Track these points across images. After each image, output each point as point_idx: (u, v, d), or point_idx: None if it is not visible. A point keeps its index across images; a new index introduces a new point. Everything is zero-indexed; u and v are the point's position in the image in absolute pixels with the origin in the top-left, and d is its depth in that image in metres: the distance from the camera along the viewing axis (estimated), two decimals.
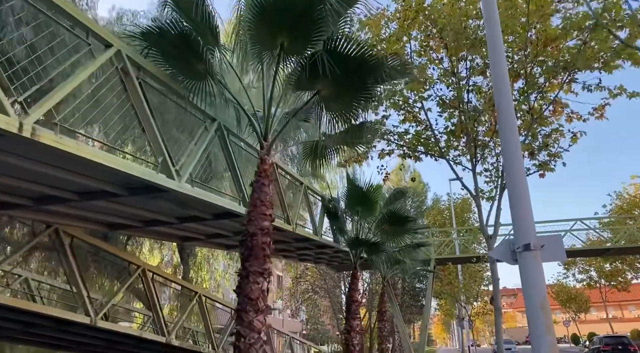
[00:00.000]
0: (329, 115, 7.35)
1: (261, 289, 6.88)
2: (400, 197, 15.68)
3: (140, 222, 9.10)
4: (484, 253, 23.58)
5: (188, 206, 8.17)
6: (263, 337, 6.78)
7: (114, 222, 9.01)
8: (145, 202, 7.52)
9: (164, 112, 7.07)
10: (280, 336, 23.99)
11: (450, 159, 12.18)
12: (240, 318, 6.76)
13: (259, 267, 6.93)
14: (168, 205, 7.81)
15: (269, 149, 7.34)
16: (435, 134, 12.09)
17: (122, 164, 5.79)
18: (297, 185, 12.91)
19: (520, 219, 5.18)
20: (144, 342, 11.08)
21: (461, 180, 11.81)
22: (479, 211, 11.52)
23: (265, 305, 6.89)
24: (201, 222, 9.26)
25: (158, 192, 6.55)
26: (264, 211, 7.11)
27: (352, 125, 7.88)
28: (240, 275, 6.97)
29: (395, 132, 12.24)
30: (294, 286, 36.46)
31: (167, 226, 9.51)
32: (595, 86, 10.63)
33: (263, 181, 7.17)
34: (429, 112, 12.09)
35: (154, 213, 8.56)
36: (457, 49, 10.39)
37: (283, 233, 12.27)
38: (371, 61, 6.63)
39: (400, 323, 23.81)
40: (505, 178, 5.35)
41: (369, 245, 13.94)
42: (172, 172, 6.48)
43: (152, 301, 10.77)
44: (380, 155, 12.46)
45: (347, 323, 13.85)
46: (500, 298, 11.18)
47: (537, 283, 4.95)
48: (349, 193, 14.34)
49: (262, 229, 7.05)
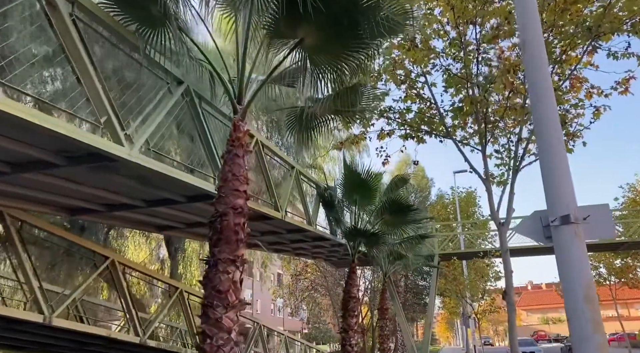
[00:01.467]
0: (315, 72, 6.13)
1: (232, 280, 5.70)
2: (402, 185, 14.49)
3: (103, 205, 7.94)
4: (491, 248, 22.42)
5: (153, 184, 6.99)
6: (234, 337, 5.61)
7: (71, 204, 7.84)
8: (96, 178, 6.36)
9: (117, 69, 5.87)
10: (276, 335, 22.80)
11: (458, 140, 10.97)
12: (207, 314, 5.58)
13: (230, 254, 5.75)
14: (126, 182, 6.63)
15: (244, 114, 6.15)
16: (440, 112, 10.87)
17: (53, 123, 4.60)
18: (288, 170, 11.73)
19: (556, 186, 3.98)
20: (116, 343, 9.93)
21: (469, 161, 10.60)
22: (489, 196, 10.32)
23: (237, 300, 5.71)
24: (173, 206, 8.09)
25: (102, 161, 5.37)
26: (237, 187, 5.93)
27: (343, 89, 6.68)
28: (207, 263, 5.80)
29: (396, 109, 11.04)
30: (293, 284, 35.32)
31: (136, 211, 8.34)
32: (622, 52, 9.41)
33: (236, 151, 5.99)
34: (433, 88, 10.89)
35: (115, 194, 7.37)
36: (465, 12, 9.16)
37: (272, 223, 11.10)
38: (363, 0, 5.43)
39: (402, 321, 22.64)
40: (536, 138, 4.14)
41: (368, 237, 12.75)
42: (121, 137, 5.29)
43: (124, 297, 9.61)
44: (380, 136, 11.26)
45: (344, 321, 12.67)
46: (513, 293, 9.97)
47: (580, 267, 3.76)
48: (346, 180, 13.17)
49: (235, 208, 5.88)
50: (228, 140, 6.04)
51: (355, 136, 11.67)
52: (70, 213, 8.20)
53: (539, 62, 4.43)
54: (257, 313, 48.33)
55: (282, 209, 10.46)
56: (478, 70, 10.21)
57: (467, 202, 31.93)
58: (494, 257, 21.78)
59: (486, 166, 10.54)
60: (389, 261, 18.47)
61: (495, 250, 21.67)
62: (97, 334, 9.14)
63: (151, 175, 6.35)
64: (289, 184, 11.35)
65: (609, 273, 38.16)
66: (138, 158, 5.53)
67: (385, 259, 18.13)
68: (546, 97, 4.24)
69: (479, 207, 31.60)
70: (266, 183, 9.74)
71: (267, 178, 9.63)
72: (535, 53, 4.48)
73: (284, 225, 11.67)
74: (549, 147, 4.10)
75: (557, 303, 70.03)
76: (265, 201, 10.48)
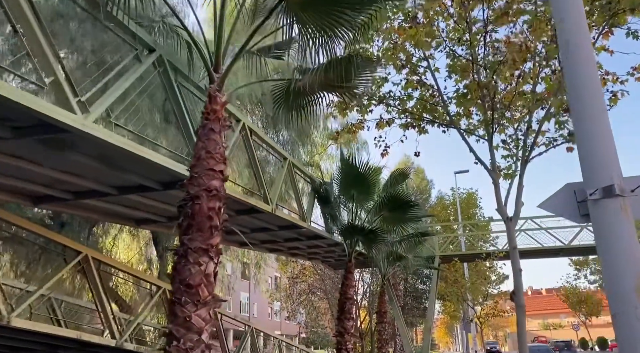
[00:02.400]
0: (303, 33, 5.33)
1: (205, 273, 4.91)
2: (402, 180, 13.73)
3: (69, 192, 7.14)
4: (493, 250, 21.61)
5: (121, 167, 6.20)
6: (206, 339, 4.81)
7: (32, 191, 7.04)
8: (53, 157, 5.57)
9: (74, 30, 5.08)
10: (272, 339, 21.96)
11: (462, 129, 10.16)
12: (174, 313, 4.78)
13: (203, 243, 4.96)
14: (89, 162, 5.84)
15: (222, 83, 5.37)
16: (444, 99, 10.08)
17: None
18: (280, 161, 10.95)
19: (596, 152, 3.19)
20: (90, 346, 9.11)
21: (474, 152, 9.79)
22: (496, 189, 9.51)
23: (210, 295, 4.91)
24: (148, 194, 7.29)
25: (53, 132, 4.57)
26: (212, 166, 5.15)
27: (336, 59, 5.89)
28: (176, 253, 5.00)
29: (396, 96, 10.25)
30: (290, 286, 34.45)
31: (107, 200, 7.56)
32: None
33: (212, 126, 5.21)
34: (436, 73, 10.10)
35: (81, 178, 6.56)
36: None
37: (263, 217, 10.32)
38: None
39: (401, 325, 21.81)
40: (569, 95, 3.35)
41: (366, 234, 11.93)
42: (73, 104, 4.50)
43: (98, 295, 8.80)
44: (379, 124, 10.47)
45: (339, 324, 11.86)
46: (523, 293, 9.15)
47: (627, 250, 2.96)
48: (343, 174, 12.38)
49: (209, 190, 5.09)
50: (202, 113, 5.26)
51: (352, 125, 10.86)
52: (33, 202, 7.39)
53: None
54: (254, 317, 47.45)
55: (273, 202, 9.66)
56: (485, 53, 9.43)
57: (468, 203, 31.16)
58: (497, 258, 20.94)
59: (492, 156, 9.74)
60: (388, 262, 17.67)
61: (499, 252, 20.87)
62: (66, 337, 8.32)
63: (116, 154, 5.57)
64: (280, 176, 10.55)
65: None
66: (95, 129, 4.73)
67: (384, 260, 17.34)
68: (583, 47, 3.46)
69: (480, 208, 30.84)
70: (254, 172, 8.94)
71: (254, 167, 8.84)
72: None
73: (275, 221, 10.88)
74: (586, 106, 3.31)
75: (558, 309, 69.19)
76: (255, 192, 9.69)
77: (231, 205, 9.08)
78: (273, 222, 10.99)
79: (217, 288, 17.23)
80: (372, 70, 6.50)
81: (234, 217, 9.55)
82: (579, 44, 3.48)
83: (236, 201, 8.57)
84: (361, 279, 31.27)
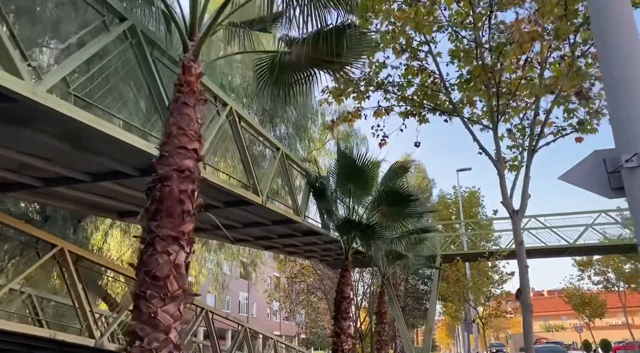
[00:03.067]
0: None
1: (174, 263, 4.34)
2: (402, 173, 13.14)
3: (37, 179, 6.57)
4: (496, 249, 21.02)
5: (90, 149, 5.64)
6: (175, 338, 4.24)
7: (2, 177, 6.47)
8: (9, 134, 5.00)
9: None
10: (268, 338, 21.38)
11: (466, 117, 9.58)
12: (138, 308, 4.22)
13: (173, 230, 4.39)
14: (54, 143, 5.27)
15: (197, 52, 4.80)
16: (446, 85, 9.49)
17: None
18: (272, 151, 10.37)
19: (631, 115, 2.62)
20: (68, 347, 8.54)
21: (479, 141, 9.20)
22: (501, 180, 8.93)
23: (180, 289, 4.34)
24: (124, 181, 6.74)
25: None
26: (185, 144, 4.58)
27: (327, 30, 5.32)
28: (142, 241, 4.43)
29: (395, 83, 9.67)
30: (289, 286, 33.90)
31: (81, 188, 7.00)
32: None
33: (185, 99, 4.64)
34: (438, 58, 9.51)
35: (48, 162, 5.99)
36: None
37: (254, 210, 9.74)
38: None
39: (402, 326, 21.21)
40: (600, 56, 2.75)
41: (363, 230, 11.35)
42: (19, 68, 3.93)
43: (75, 291, 8.24)
44: (377, 113, 9.89)
45: (336, 324, 11.27)
46: (529, 291, 8.57)
47: None
48: (340, 167, 11.83)
49: (181, 171, 4.52)
50: (175, 85, 4.70)
51: (348, 113, 10.27)
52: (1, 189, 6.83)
53: None
54: (253, 317, 46.91)
55: (263, 194, 9.08)
56: (490, 36, 8.84)
57: (470, 202, 30.54)
58: (500, 257, 20.35)
59: (497, 145, 9.16)
60: (388, 261, 17.09)
61: (502, 250, 20.28)
62: (40, 336, 7.76)
63: (84, 134, 5.01)
64: (272, 167, 9.97)
65: (618, 279, 36.69)
66: (48, 100, 4.16)
67: (383, 259, 16.77)
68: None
69: (483, 207, 30.24)
70: (242, 161, 8.36)
71: (243, 155, 8.26)
72: None
73: (267, 214, 10.30)
74: (620, 63, 2.73)
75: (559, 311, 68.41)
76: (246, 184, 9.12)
77: (219, 196, 8.53)
78: (265, 215, 10.42)
79: (212, 287, 16.61)
80: (368, 44, 5.92)
81: (222, 209, 8.99)
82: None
83: (224, 192, 8.01)
84: (361, 279, 30.75)
